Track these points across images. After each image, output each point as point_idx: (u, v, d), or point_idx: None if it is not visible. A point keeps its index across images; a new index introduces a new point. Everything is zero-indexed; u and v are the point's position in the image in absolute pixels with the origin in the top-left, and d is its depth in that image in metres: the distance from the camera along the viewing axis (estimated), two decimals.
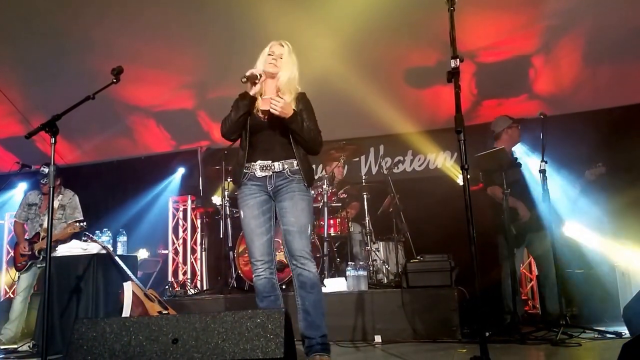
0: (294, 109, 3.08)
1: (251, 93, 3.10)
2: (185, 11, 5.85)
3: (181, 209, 7.13)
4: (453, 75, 2.59)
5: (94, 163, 7.88)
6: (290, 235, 3.05)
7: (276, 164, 3.11)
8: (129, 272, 4.55)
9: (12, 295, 6.86)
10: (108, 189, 7.74)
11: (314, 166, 6.56)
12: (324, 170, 6.02)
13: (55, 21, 5.96)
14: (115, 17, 5.92)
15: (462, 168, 2.53)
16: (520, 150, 5.32)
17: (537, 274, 5.61)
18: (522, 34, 5.63)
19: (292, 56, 3.25)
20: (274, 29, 5.60)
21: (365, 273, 4.71)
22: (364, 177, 5.82)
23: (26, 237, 5.46)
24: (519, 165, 4.60)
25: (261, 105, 3.15)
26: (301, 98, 3.23)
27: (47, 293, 3.00)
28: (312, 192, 4.06)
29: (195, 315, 2.49)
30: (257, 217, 3.09)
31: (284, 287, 4.73)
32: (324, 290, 4.65)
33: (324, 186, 5.33)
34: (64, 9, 5.82)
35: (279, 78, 3.19)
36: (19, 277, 5.40)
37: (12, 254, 6.48)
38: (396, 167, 6.91)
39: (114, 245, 4.97)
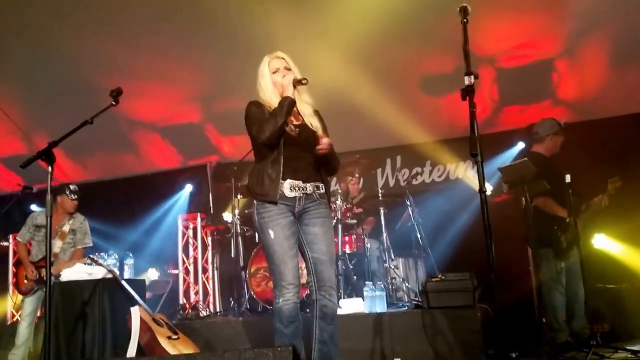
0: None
1: (292, 97, 3.05)
2: (186, 24, 5.89)
3: (191, 226, 7.15)
4: (467, 93, 2.56)
5: (99, 181, 7.96)
6: (322, 264, 3.07)
7: (308, 185, 3.09)
8: (136, 296, 4.58)
9: (19, 319, 6.93)
10: (114, 207, 7.78)
11: None
12: (338, 185, 6.02)
13: (56, 37, 6.04)
14: (116, 32, 5.99)
15: (480, 191, 2.52)
16: None
17: None
18: (544, 37, 5.60)
19: (292, 62, 3.23)
20: (278, 39, 5.65)
21: (383, 293, 4.68)
22: (380, 190, 5.80)
23: (30, 259, 5.48)
24: (542, 177, 4.55)
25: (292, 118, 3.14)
26: (318, 114, 3.26)
27: (48, 319, 3.02)
28: None
29: (199, 354, 2.49)
30: (289, 239, 3.04)
31: None
32: (339, 311, 4.65)
33: (338, 202, 5.32)
34: (64, 25, 5.90)
35: (298, 89, 3.20)
36: (23, 300, 5.45)
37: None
38: (414, 179, 6.87)
39: (121, 268, 5.01)
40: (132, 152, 7.63)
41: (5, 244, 7.42)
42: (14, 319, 7.14)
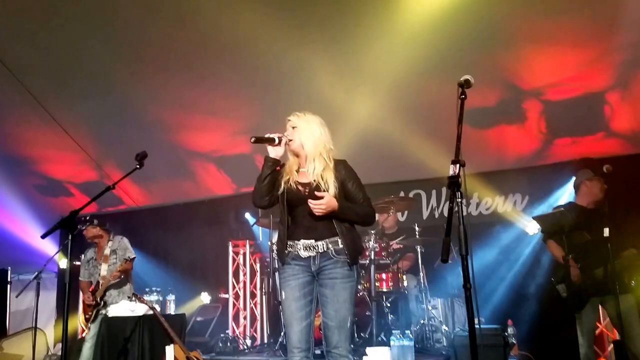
0: (335, 197, 2.94)
1: (270, 155, 3.02)
2: (236, 61, 5.91)
3: (241, 252, 7.18)
4: (451, 185, 2.25)
5: (161, 205, 8.22)
6: (329, 329, 2.93)
7: (320, 243, 2.96)
8: (172, 334, 4.62)
9: (85, 336, 7.26)
10: (175, 230, 8.02)
11: None
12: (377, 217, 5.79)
13: (124, 78, 6.26)
14: (173, 69, 6.10)
15: (465, 287, 2.24)
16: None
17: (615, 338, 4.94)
18: (592, 70, 5.15)
19: (306, 118, 3.09)
20: (316, 76, 5.59)
21: (411, 343, 4.40)
22: (417, 228, 5.49)
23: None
24: (585, 228, 4.10)
25: (298, 178, 3.04)
26: (342, 166, 3.07)
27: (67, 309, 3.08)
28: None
29: None
30: (298, 300, 2.96)
31: None
32: None
33: (371, 242, 5.09)
34: (129, 66, 6.11)
35: (303, 146, 3.06)
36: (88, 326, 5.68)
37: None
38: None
39: (163, 303, 5.07)
40: (191, 180, 7.77)
41: (77, 263, 7.80)
42: (83, 334, 7.49)
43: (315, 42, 5.46)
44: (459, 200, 2.26)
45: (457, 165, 2.26)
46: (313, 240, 2.96)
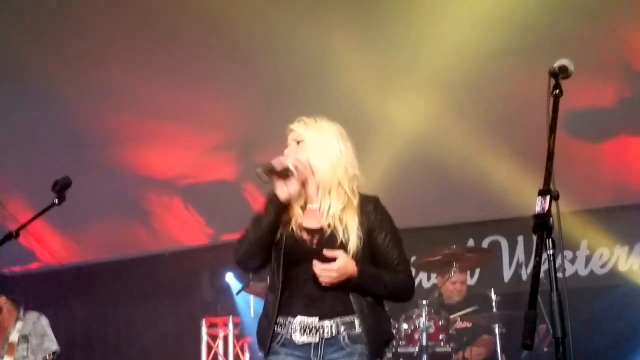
0: (353, 259, 2.81)
1: (281, 197, 2.90)
2: (221, 40, 6.07)
3: (221, 335, 7.26)
4: (539, 227, 2.30)
5: (97, 263, 8.30)
6: None
7: (327, 324, 2.90)
8: None
9: None
10: (116, 300, 8.12)
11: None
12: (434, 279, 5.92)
13: (37, 66, 6.37)
14: (117, 49, 6.22)
15: None
16: None
17: None
18: None
19: (319, 127, 3.00)
20: (348, 62, 5.75)
21: None
22: (494, 297, 5.55)
23: None
24: None
25: (304, 220, 3.02)
26: (373, 207, 3.05)
27: None
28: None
29: None
30: None
31: None
32: None
33: (422, 319, 5.16)
34: (44, 43, 6.21)
35: (312, 170, 3.07)
36: None
37: None
38: (560, 270, 6.55)
39: None
40: (143, 223, 7.89)
41: None
42: None
43: (339, 20, 5.61)
44: (551, 252, 2.29)
45: (547, 198, 2.29)
46: (316, 319, 2.89)
